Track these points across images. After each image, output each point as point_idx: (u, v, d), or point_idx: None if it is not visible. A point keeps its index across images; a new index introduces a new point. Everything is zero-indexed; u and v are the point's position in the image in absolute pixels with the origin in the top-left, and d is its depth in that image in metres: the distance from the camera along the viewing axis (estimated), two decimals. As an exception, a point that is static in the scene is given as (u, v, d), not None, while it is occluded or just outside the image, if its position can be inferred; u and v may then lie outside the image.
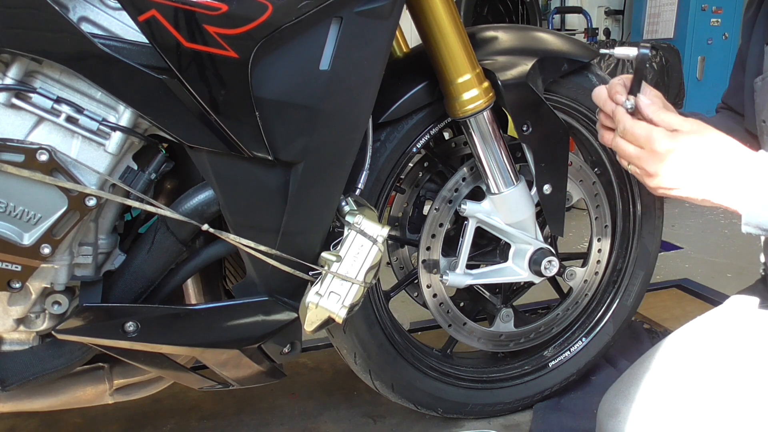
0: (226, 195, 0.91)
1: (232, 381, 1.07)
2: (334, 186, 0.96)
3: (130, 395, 1.08)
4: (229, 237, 0.90)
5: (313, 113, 0.89)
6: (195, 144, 0.87)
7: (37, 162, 0.79)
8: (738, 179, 0.78)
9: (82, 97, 0.84)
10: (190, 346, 0.97)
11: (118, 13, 0.83)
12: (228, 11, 0.79)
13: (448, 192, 1.21)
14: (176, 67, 0.80)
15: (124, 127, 0.85)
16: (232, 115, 0.85)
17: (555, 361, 1.42)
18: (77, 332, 0.89)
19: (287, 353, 1.05)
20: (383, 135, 1.13)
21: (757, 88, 0.94)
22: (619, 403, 0.93)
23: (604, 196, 1.35)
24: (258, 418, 1.42)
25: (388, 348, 1.24)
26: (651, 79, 3.09)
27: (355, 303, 0.92)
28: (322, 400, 1.49)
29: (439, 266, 1.24)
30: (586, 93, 1.28)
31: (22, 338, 0.94)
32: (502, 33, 1.22)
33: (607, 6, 4.37)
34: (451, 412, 1.35)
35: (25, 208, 0.82)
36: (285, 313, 0.99)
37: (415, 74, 1.14)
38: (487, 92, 1.09)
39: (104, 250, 0.94)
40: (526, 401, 1.41)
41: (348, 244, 0.92)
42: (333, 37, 0.87)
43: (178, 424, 1.41)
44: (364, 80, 0.91)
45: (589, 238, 1.39)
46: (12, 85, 0.80)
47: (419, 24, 1.06)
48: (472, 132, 1.12)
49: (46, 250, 0.83)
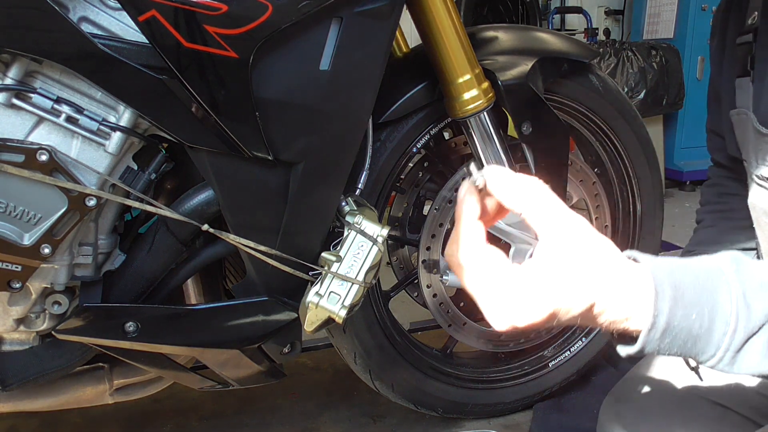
0: (226, 195, 0.91)
1: (232, 381, 1.07)
2: (334, 186, 0.96)
3: (130, 395, 1.08)
4: (229, 237, 0.90)
5: (313, 113, 0.89)
6: (195, 144, 0.87)
7: (37, 162, 0.79)
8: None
9: (82, 97, 0.84)
10: (190, 346, 0.97)
11: (118, 13, 0.83)
12: (228, 11, 0.79)
13: (448, 192, 1.21)
14: (176, 67, 0.80)
15: (124, 127, 0.85)
16: (232, 115, 0.85)
17: (555, 361, 1.42)
18: (77, 332, 0.89)
19: (287, 353, 1.05)
20: (383, 135, 1.13)
21: (734, 121, 0.90)
22: (621, 406, 0.92)
23: (604, 196, 1.35)
24: (258, 418, 1.42)
25: (388, 348, 1.24)
26: (651, 79, 3.08)
27: (355, 303, 0.92)
28: (322, 400, 1.49)
29: (439, 266, 1.24)
30: (587, 93, 1.28)
31: (22, 338, 0.94)
32: (502, 33, 1.22)
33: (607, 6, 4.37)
34: (451, 412, 1.35)
35: (25, 208, 0.81)
36: (285, 313, 0.99)
37: (415, 74, 1.14)
38: (487, 92, 1.09)
39: (104, 250, 0.94)
40: (526, 401, 1.41)
41: (348, 244, 0.92)
42: (333, 37, 0.87)
43: (178, 424, 1.41)
44: (364, 80, 0.91)
45: (589, 238, 1.39)
46: (12, 85, 0.80)
47: (419, 24, 1.05)
48: (472, 132, 1.12)
49: (46, 250, 0.83)
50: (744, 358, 0.51)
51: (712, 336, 0.50)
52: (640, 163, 1.37)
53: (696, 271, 0.52)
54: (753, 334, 0.50)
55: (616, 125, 1.32)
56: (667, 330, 0.49)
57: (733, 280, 0.51)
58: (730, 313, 0.50)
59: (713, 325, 0.50)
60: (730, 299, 0.50)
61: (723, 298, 0.50)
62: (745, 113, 0.84)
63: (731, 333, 0.50)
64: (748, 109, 0.84)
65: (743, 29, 0.88)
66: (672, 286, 0.50)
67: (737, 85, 0.88)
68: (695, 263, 0.53)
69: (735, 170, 0.98)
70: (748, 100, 0.85)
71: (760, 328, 0.51)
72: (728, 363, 0.51)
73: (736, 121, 0.89)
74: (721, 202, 1.04)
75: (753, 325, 0.50)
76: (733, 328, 0.50)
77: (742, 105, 0.86)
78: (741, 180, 0.92)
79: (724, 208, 1.03)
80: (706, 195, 1.09)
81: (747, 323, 0.50)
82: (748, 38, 0.86)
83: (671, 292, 0.50)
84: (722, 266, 0.52)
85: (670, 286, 0.50)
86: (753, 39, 0.85)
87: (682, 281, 0.50)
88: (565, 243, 0.49)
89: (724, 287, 0.51)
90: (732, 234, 0.98)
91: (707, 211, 1.06)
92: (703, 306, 0.50)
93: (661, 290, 0.49)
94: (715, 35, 0.96)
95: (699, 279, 0.51)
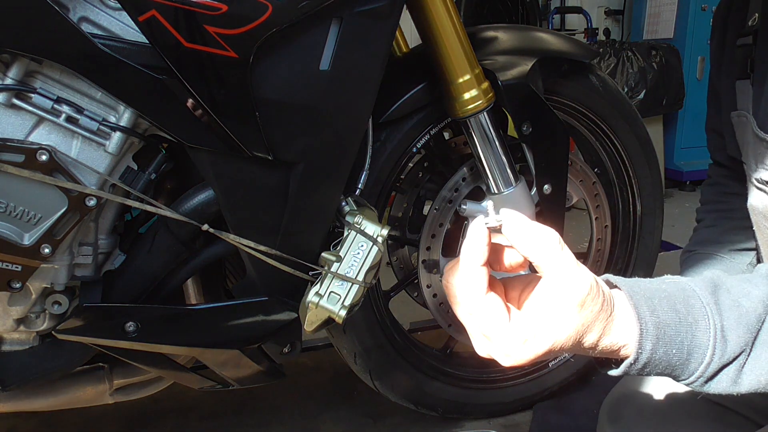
0: (226, 195, 0.91)
1: (232, 381, 1.07)
2: (334, 186, 0.96)
3: (130, 395, 1.08)
4: (229, 237, 0.90)
5: (313, 113, 0.89)
6: (195, 144, 0.86)
7: (38, 162, 0.79)
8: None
9: (82, 97, 0.84)
10: (190, 346, 0.97)
11: (118, 13, 0.83)
12: (228, 11, 0.79)
13: (448, 192, 1.21)
14: (176, 67, 0.80)
15: (124, 127, 0.85)
16: (232, 115, 0.85)
17: (555, 361, 1.42)
18: (77, 332, 0.89)
19: (287, 353, 1.05)
20: (383, 135, 1.13)
21: (735, 122, 0.89)
22: (621, 406, 0.92)
23: (604, 196, 1.35)
24: (258, 418, 1.42)
25: (388, 348, 1.24)
26: (651, 79, 3.08)
27: (355, 303, 0.92)
28: (322, 400, 1.49)
29: (439, 266, 1.24)
30: (587, 93, 1.28)
31: (22, 338, 0.94)
32: (502, 33, 1.22)
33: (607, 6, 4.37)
34: (451, 412, 1.35)
35: (25, 209, 0.81)
36: (285, 313, 0.99)
37: (415, 74, 1.14)
38: (487, 92, 1.09)
39: (104, 250, 0.94)
40: (526, 401, 1.41)
41: (348, 244, 0.92)
42: (333, 37, 0.87)
43: (178, 424, 1.41)
44: (364, 80, 0.91)
45: (589, 238, 1.39)
46: (12, 85, 0.80)
47: (419, 24, 1.06)
48: (472, 132, 1.12)
49: (46, 250, 0.83)
50: (715, 385, 0.55)
51: (689, 366, 0.54)
52: (640, 163, 1.38)
53: (677, 306, 0.54)
54: (726, 364, 0.54)
55: (616, 125, 1.32)
56: (648, 364, 0.53)
57: (712, 312, 0.54)
58: (707, 348, 0.53)
59: (690, 357, 0.54)
60: (708, 333, 0.53)
61: (701, 333, 0.53)
62: (745, 116, 0.84)
63: (706, 365, 0.54)
64: (748, 112, 0.83)
65: (743, 31, 0.87)
66: (655, 326, 0.53)
67: (737, 88, 0.88)
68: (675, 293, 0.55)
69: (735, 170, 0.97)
70: (748, 102, 0.84)
71: (734, 359, 0.54)
72: (699, 386, 0.55)
73: (737, 122, 0.88)
74: (722, 201, 1.04)
75: (727, 357, 0.53)
76: (708, 361, 0.53)
77: (743, 108, 0.86)
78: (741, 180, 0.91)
79: (724, 208, 1.02)
80: (706, 194, 1.09)
81: (722, 356, 0.53)
82: (747, 40, 0.85)
83: (654, 331, 0.52)
84: (702, 296, 0.55)
85: (653, 325, 0.52)
86: (753, 41, 0.84)
87: (664, 320, 0.53)
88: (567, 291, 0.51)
89: (702, 322, 0.54)
90: (732, 234, 0.97)
91: (707, 211, 1.06)
92: (683, 340, 0.53)
93: (645, 330, 0.52)
94: (715, 35, 0.95)
95: (679, 314, 0.54)
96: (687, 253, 0.99)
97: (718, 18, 0.95)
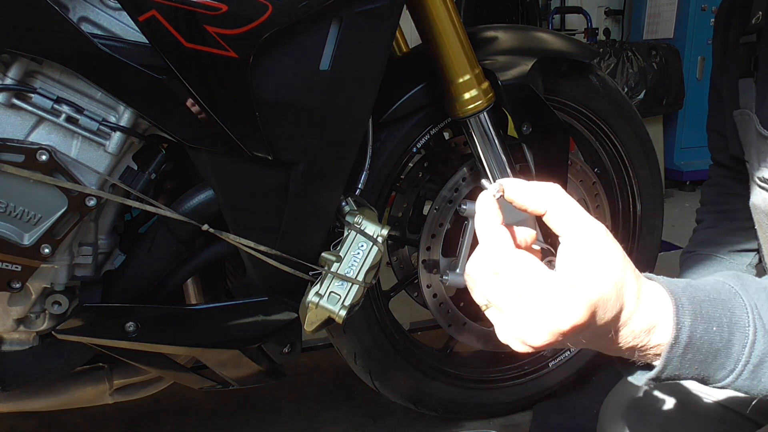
0: (226, 195, 0.91)
1: (232, 381, 1.07)
2: (334, 186, 0.96)
3: (130, 395, 1.08)
4: (229, 237, 0.90)
5: (313, 113, 0.89)
6: (195, 144, 0.86)
7: (37, 162, 0.79)
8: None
9: (82, 97, 0.84)
10: (190, 346, 0.97)
11: (118, 13, 0.83)
12: (228, 11, 0.79)
13: (448, 192, 1.21)
14: (176, 67, 0.80)
15: (124, 127, 0.85)
16: (232, 115, 0.85)
17: (555, 360, 1.41)
18: (77, 332, 0.89)
19: (287, 353, 1.05)
20: (383, 135, 1.13)
21: (738, 121, 0.88)
22: (621, 406, 0.92)
23: (604, 196, 1.35)
24: (258, 418, 1.42)
25: (388, 348, 1.24)
26: (651, 79, 3.08)
27: (355, 303, 0.92)
28: (322, 400, 1.49)
29: (439, 266, 1.24)
30: (587, 93, 1.28)
31: (22, 338, 0.94)
32: (502, 33, 1.22)
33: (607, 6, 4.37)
34: (451, 412, 1.35)
35: (25, 209, 0.81)
36: (285, 313, 0.99)
37: (415, 74, 1.14)
38: (487, 92, 1.09)
39: (104, 250, 0.94)
40: (526, 401, 1.41)
41: (348, 244, 0.92)
42: (333, 37, 0.87)
43: (178, 424, 1.40)
44: (364, 80, 0.91)
45: (589, 238, 1.39)
46: (12, 85, 0.80)
47: (419, 24, 1.05)
48: (472, 132, 1.12)
49: (46, 250, 0.83)
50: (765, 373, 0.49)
51: (732, 349, 0.48)
52: (640, 163, 1.37)
53: (705, 286, 0.50)
54: None
55: (616, 125, 1.32)
56: (690, 345, 0.47)
57: (742, 293, 0.50)
58: (748, 324, 0.48)
59: (733, 337, 0.48)
60: (745, 310, 0.49)
61: (738, 310, 0.49)
62: (749, 114, 0.84)
63: (750, 345, 0.48)
64: (752, 110, 0.83)
65: (747, 29, 0.87)
66: (690, 300, 0.48)
67: (740, 86, 0.88)
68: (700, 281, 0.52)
69: (736, 170, 0.97)
70: (751, 100, 0.84)
71: None
72: (748, 377, 0.49)
73: (739, 121, 0.88)
74: (722, 202, 1.04)
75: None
76: (752, 339, 0.48)
77: (746, 106, 0.86)
78: (743, 180, 0.91)
79: (725, 209, 1.02)
80: (706, 195, 1.08)
81: (764, 334, 0.48)
82: (751, 38, 0.85)
83: (690, 306, 0.47)
84: (727, 281, 0.51)
85: (688, 299, 0.48)
86: (757, 39, 0.84)
87: (697, 295, 0.49)
88: (592, 244, 0.46)
89: (736, 299, 0.49)
90: (733, 235, 0.97)
91: (708, 211, 1.06)
92: (722, 317, 0.48)
93: (680, 304, 0.47)
94: (718, 34, 0.95)
95: (711, 293, 0.49)
96: (687, 254, 0.99)
97: (720, 16, 0.95)
